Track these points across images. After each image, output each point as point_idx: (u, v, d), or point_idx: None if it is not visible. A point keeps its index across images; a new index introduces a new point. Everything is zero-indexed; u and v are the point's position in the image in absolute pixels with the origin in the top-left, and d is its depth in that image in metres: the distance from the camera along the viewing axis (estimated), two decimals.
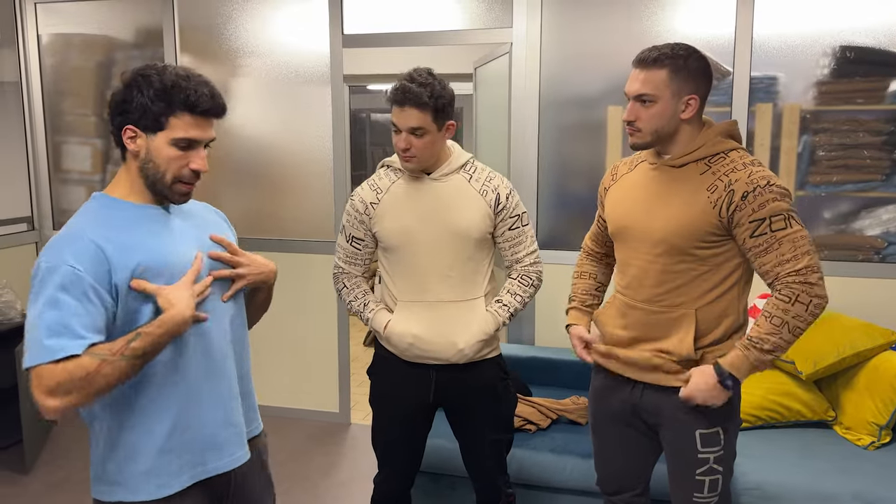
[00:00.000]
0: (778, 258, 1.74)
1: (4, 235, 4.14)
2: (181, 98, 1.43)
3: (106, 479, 1.50)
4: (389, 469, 2.28)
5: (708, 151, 1.82)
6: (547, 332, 3.56)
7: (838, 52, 3.11)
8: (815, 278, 1.73)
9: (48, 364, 1.32)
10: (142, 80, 1.44)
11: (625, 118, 1.86)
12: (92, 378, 1.33)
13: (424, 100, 1.98)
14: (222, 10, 3.91)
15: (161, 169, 1.46)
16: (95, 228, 1.43)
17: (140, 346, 1.38)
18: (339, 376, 4.02)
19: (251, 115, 3.96)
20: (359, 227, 2.18)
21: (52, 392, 1.31)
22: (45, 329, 1.33)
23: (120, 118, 1.45)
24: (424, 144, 2.03)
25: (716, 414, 1.85)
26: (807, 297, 1.72)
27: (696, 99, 1.80)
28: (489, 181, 2.14)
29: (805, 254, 1.73)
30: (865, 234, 3.18)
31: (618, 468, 2.10)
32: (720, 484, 1.91)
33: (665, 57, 1.78)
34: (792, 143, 3.20)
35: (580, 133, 3.48)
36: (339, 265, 2.25)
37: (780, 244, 1.73)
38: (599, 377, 2.09)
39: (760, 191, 1.73)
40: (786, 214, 1.74)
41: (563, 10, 3.42)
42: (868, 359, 2.79)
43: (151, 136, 1.45)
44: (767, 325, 1.74)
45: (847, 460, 2.55)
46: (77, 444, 3.75)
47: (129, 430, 1.48)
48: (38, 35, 4.24)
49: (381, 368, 2.24)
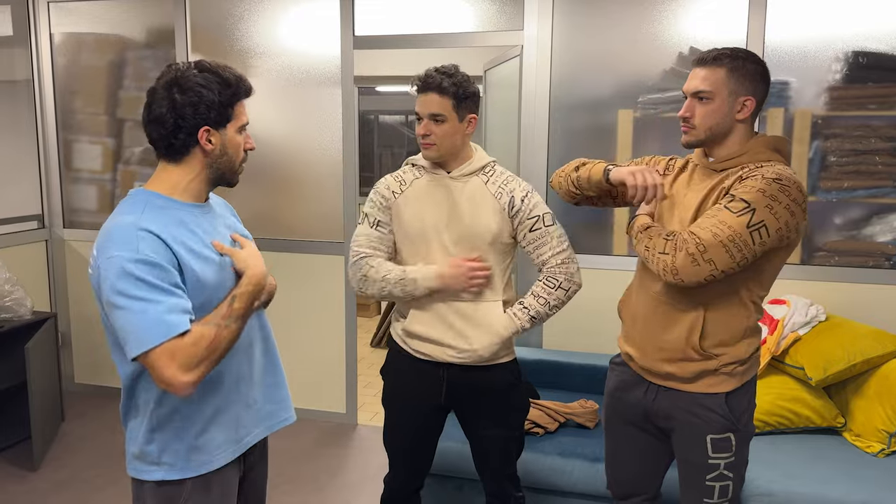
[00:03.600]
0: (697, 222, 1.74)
1: (15, 233, 4.16)
2: (243, 87, 1.55)
3: (147, 458, 1.56)
4: (400, 469, 2.28)
5: (749, 160, 1.81)
6: (555, 335, 3.56)
7: (850, 58, 3.10)
8: (691, 250, 1.69)
9: (174, 340, 1.39)
10: (203, 81, 1.49)
11: (680, 114, 1.86)
12: (216, 345, 1.44)
13: (445, 86, 2.02)
14: (234, 11, 3.92)
15: (234, 157, 1.58)
16: (154, 223, 1.46)
17: (240, 306, 1.51)
18: (346, 377, 4.03)
19: (261, 116, 3.97)
20: (385, 212, 2.17)
21: (187, 367, 1.40)
22: (160, 309, 1.39)
23: (194, 121, 1.49)
24: (444, 132, 2.05)
25: (728, 420, 1.85)
26: (672, 248, 1.73)
27: (752, 101, 1.80)
28: (505, 184, 2.14)
29: (713, 234, 1.67)
30: (876, 241, 3.16)
31: (630, 472, 2.10)
32: (730, 490, 1.89)
33: (725, 57, 1.80)
34: (803, 148, 3.19)
35: (591, 136, 3.48)
36: (361, 251, 2.15)
37: (709, 216, 1.73)
38: (614, 376, 2.09)
39: (760, 178, 1.71)
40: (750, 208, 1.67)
41: (574, 13, 3.42)
42: (878, 366, 2.78)
43: (223, 130, 1.54)
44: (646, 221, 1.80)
45: (856, 467, 2.54)
46: (84, 442, 3.76)
47: (174, 410, 1.54)
48: (50, 34, 4.26)
49: (394, 368, 2.24)
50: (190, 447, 1.56)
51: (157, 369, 1.38)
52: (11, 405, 3.71)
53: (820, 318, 2.96)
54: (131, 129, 4.23)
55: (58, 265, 4.41)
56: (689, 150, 1.97)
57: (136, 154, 4.25)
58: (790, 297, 3.07)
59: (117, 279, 1.38)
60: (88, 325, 4.41)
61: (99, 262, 1.42)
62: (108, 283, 1.39)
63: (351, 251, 2.19)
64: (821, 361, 2.77)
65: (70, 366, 4.48)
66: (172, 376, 1.38)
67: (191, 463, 1.56)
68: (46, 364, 3.65)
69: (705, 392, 1.86)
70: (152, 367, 1.39)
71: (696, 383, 1.86)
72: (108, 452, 3.63)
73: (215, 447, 1.59)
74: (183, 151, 1.53)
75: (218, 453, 1.59)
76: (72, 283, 4.42)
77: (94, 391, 4.44)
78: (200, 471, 1.57)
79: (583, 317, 3.48)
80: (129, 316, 1.38)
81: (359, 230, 2.19)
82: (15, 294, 3.59)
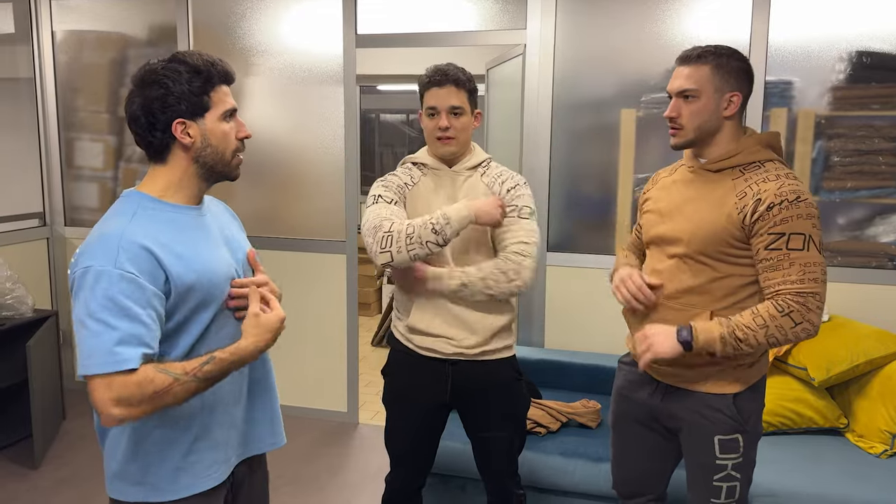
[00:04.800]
0: (783, 277, 1.73)
1: (16, 231, 4.15)
2: (216, 72, 1.45)
3: (128, 478, 1.48)
4: (402, 468, 2.27)
5: (745, 159, 1.81)
6: (557, 335, 3.55)
7: (854, 58, 3.09)
8: (814, 305, 1.72)
9: (117, 374, 1.31)
10: (168, 72, 1.42)
11: (667, 115, 1.85)
12: (162, 395, 1.34)
13: (462, 79, 2.06)
14: (236, 9, 3.92)
15: (220, 148, 1.48)
16: (141, 230, 1.39)
17: (212, 369, 1.39)
18: (347, 376, 4.02)
19: (263, 114, 3.97)
20: (399, 193, 2.13)
21: (119, 402, 1.31)
22: (113, 337, 1.31)
23: (164, 116, 1.42)
24: (463, 125, 2.08)
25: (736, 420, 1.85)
26: (799, 317, 1.71)
27: (738, 96, 1.80)
28: (499, 176, 2.15)
29: (812, 281, 1.71)
30: (880, 241, 3.16)
31: (637, 470, 2.10)
32: (738, 491, 1.89)
33: (708, 54, 1.80)
34: (806, 148, 3.18)
35: (593, 136, 3.47)
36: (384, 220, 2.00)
37: (791, 264, 1.72)
38: (622, 375, 2.09)
39: (787, 205, 1.71)
40: (807, 236, 1.72)
41: (577, 12, 3.41)
42: (881, 366, 2.77)
43: (201, 121, 1.45)
44: (750, 318, 1.74)
45: (859, 468, 2.53)
46: (85, 440, 3.76)
47: (157, 431, 1.47)
48: (52, 31, 4.26)
49: (397, 368, 2.23)
50: (175, 468, 1.48)
51: (91, 392, 1.33)
52: (12, 403, 3.70)
53: (823, 318, 2.96)
54: None
55: (59, 263, 4.41)
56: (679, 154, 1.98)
57: (138, 152, 4.24)
58: None
59: (87, 293, 1.33)
60: None
61: (76, 268, 1.37)
62: (79, 295, 1.34)
63: (364, 229, 2.07)
64: (824, 362, 2.76)
65: (71, 364, 4.47)
66: (102, 405, 1.32)
67: (177, 484, 1.48)
68: (47, 362, 3.64)
69: (713, 393, 1.86)
70: (89, 389, 1.34)
71: (704, 384, 1.86)
72: None
73: (202, 468, 1.50)
74: (163, 149, 1.45)
75: (206, 475, 1.51)
76: None
77: None
78: (185, 493, 1.49)
79: (585, 317, 3.48)
80: (85, 335, 1.33)
81: (372, 210, 2.06)
82: (16, 292, 3.59)
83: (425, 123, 2.11)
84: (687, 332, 1.77)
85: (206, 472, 1.51)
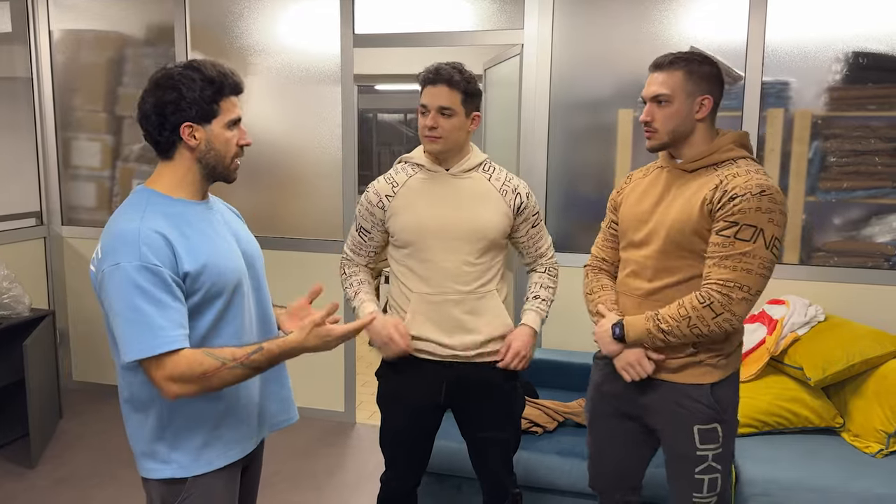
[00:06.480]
0: (716, 267, 1.77)
1: (13, 230, 4.15)
2: (228, 83, 1.56)
3: (157, 457, 1.57)
4: (397, 468, 2.27)
5: (719, 157, 1.87)
6: (554, 335, 3.56)
7: (851, 58, 3.10)
8: (738, 296, 1.75)
9: (166, 355, 1.43)
10: (183, 78, 1.52)
11: (642, 119, 1.92)
12: (210, 377, 1.45)
13: (456, 79, 2.04)
14: (234, 8, 3.92)
15: (222, 153, 1.58)
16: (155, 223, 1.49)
17: (259, 359, 1.50)
18: (344, 376, 4.02)
19: (260, 114, 3.97)
20: (368, 219, 2.19)
21: (174, 379, 1.44)
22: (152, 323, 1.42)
23: (174, 118, 1.52)
24: (452, 126, 2.06)
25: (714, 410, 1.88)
26: (720, 307, 1.76)
27: (709, 99, 1.86)
28: (509, 181, 2.17)
29: (745, 272, 1.74)
30: (875, 241, 3.17)
31: (613, 463, 2.12)
32: (719, 484, 1.93)
33: (680, 60, 1.87)
34: (803, 148, 3.19)
35: (590, 136, 3.48)
36: (346, 252, 2.31)
37: (728, 255, 1.75)
38: (597, 371, 2.12)
39: (750, 197, 1.75)
40: (758, 229, 1.74)
41: (574, 12, 3.41)
42: (877, 366, 2.78)
43: (207, 126, 1.55)
44: (675, 310, 1.81)
45: (855, 467, 2.54)
46: (82, 439, 3.75)
47: (184, 410, 1.56)
48: (49, 31, 4.25)
49: (391, 369, 2.23)
50: (202, 444, 1.58)
51: (149, 372, 1.46)
52: (9, 402, 3.70)
53: (819, 318, 2.97)
54: (130, 126, 4.22)
55: (56, 262, 4.40)
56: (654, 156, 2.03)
57: (135, 151, 4.25)
58: (789, 298, 3.07)
59: (120, 287, 1.43)
60: (87, 322, 4.40)
61: (103, 266, 1.46)
62: (111, 289, 1.44)
63: None
64: (820, 362, 2.77)
65: (68, 363, 4.47)
66: (159, 382, 1.45)
67: (200, 461, 1.58)
68: (44, 361, 3.64)
69: (691, 383, 1.89)
70: (145, 369, 1.46)
71: (682, 374, 1.90)
72: (105, 450, 3.63)
73: (224, 445, 1.61)
74: (170, 148, 1.56)
75: (227, 450, 1.62)
76: (70, 281, 4.41)
77: (93, 388, 4.44)
78: (210, 467, 1.59)
79: (581, 316, 3.47)
80: (126, 324, 1.43)
81: (350, 229, 2.29)
82: (13, 291, 3.58)
83: (419, 120, 2.11)
84: (619, 328, 1.89)
85: (229, 448, 1.62)
